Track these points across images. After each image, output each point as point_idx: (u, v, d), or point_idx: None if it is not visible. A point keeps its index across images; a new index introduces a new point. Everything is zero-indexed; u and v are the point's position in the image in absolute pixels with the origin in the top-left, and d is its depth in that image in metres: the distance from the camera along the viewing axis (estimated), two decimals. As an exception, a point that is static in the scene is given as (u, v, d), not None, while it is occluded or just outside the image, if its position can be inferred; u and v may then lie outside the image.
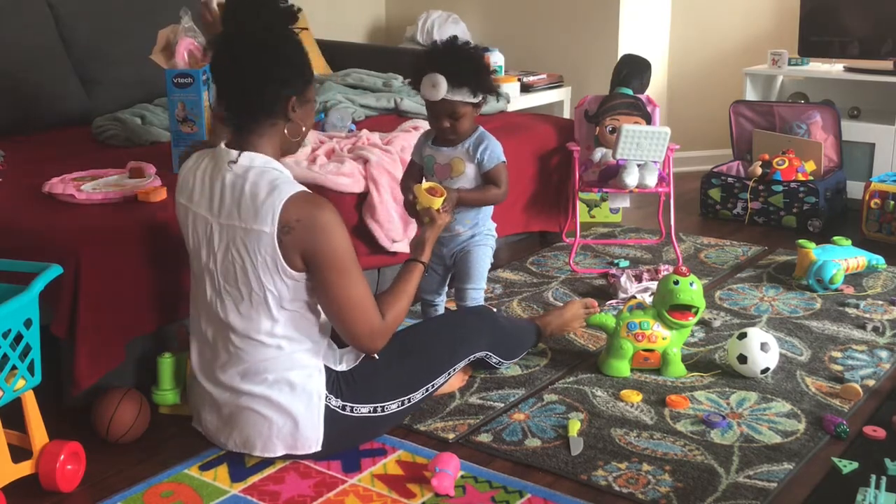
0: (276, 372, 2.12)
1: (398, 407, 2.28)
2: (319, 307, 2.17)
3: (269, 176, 2.06)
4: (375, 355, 2.24)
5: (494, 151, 2.66)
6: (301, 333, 2.14)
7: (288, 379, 2.12)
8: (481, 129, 2.68)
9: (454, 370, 2.43)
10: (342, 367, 2.21)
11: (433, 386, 2.36)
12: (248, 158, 2.08)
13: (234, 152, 2.09)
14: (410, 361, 2.31)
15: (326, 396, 2.16)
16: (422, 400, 2.35)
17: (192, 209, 2.14)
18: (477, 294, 2.73)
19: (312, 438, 2.16)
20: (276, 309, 2.10)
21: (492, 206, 2.75)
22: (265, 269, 2.05)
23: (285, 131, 2.13)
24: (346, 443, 2.25)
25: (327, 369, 2.18)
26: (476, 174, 2.67)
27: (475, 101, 2.59)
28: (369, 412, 2.23)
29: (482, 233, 2.74)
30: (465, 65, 2.56)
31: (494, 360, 2.60)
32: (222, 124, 2.22)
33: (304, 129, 2.18)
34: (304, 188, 2.10)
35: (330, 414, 2.17)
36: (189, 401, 2.34)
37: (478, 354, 2.51)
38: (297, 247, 2.03)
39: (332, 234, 2.05)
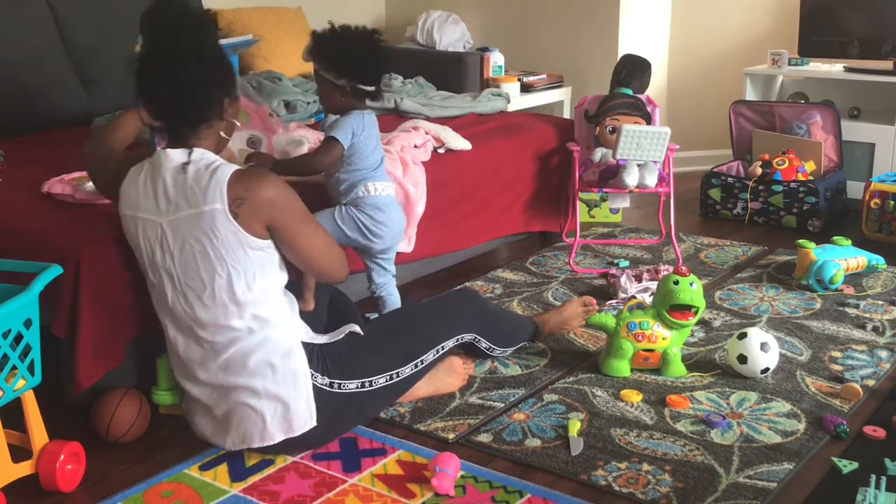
0: (254, 356, 2.13)
1: (386, 381, 2.30)
2: (289, 265, 2.21)
3: (206, 162, 2.10)
4: (361, 331, 2.29)
5: (335, 125, 2.60)
6: (268, 313, 2.15)
7: (268, 361, 2.14)
8: (354, 112, 2.61)
9: (443, 348, 2.45)
10: (322, 340, 2.23)
11: (422, 362, 2.38)
12: (199, 154, 2.12)
13: (180, 152, 2.12)
14: (396, 336, 2.36)
15: (312, 374, 2.17)
16: (412, 376, 2.37)
17: (140, 216, 2.15)
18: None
19: (306, 415, 2.17)
20: (240, 291, 2.10)
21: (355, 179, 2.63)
22: (227, 246, 2.07)
23: (221, 132, 2.20)
24: (340, 423, 2.27)
25: (307, 346, 2.19)
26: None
27: (330, 78, 2.57)
28: (357, 387, 2.25)
29: (340, 197, 2.67)
30: (335, 42, 2.57)
31: (484, 345, 2.61)
32: (159, 135, 2.28)
33: (236, 124, 2.26)
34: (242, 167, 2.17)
35: (318, 393, 2.18)
36: (183, 411, 2.34)
37: (466, 336, 2.54)
38: (255, 215, 2.07)
39: (285, 194, 2.12)
